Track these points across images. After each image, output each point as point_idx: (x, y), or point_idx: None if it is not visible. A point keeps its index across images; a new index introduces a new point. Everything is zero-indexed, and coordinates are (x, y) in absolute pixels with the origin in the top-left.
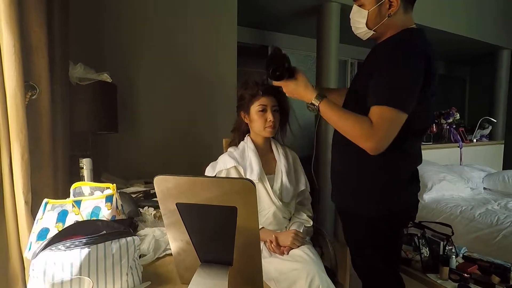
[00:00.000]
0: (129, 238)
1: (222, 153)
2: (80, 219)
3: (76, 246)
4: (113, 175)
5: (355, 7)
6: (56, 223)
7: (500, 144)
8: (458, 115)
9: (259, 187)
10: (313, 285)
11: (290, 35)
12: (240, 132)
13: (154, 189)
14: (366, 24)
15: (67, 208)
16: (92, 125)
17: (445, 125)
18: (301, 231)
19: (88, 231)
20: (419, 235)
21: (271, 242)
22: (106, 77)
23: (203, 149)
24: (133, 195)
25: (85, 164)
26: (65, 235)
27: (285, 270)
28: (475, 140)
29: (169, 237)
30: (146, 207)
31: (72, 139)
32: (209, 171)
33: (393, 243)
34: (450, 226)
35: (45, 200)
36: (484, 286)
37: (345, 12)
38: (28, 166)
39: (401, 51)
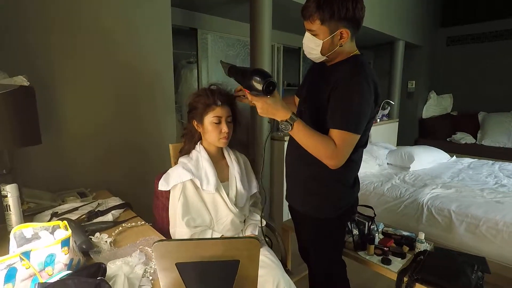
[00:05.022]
0: None
1: (169, 158)
2: (32, 273)
3: None
4: (37, 189)
5: (308, 35)
6: (4, 284)
7: (395, 122)
8: None
9: (216, 197)
10: None
11: (222, 18)
12: (192, 140)
13: (97, 205)
14: (320, 51)
15: (15, 266)
16: (9, 141)
17: None
18: (256, 232)
19: None
20: (351, 220)
21: None
22: (22, 80)
23: (143, 154)
24: (74, 217)
25: (10, 191)
26: None
27: None
28: (378, 120)
29: None
30: (98, 234)
31: None
32: (162, 185)
33: (343, 234)
34: (371, 208)
35: None
36: (399, 256)
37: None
38: None
39: (357, 80)
